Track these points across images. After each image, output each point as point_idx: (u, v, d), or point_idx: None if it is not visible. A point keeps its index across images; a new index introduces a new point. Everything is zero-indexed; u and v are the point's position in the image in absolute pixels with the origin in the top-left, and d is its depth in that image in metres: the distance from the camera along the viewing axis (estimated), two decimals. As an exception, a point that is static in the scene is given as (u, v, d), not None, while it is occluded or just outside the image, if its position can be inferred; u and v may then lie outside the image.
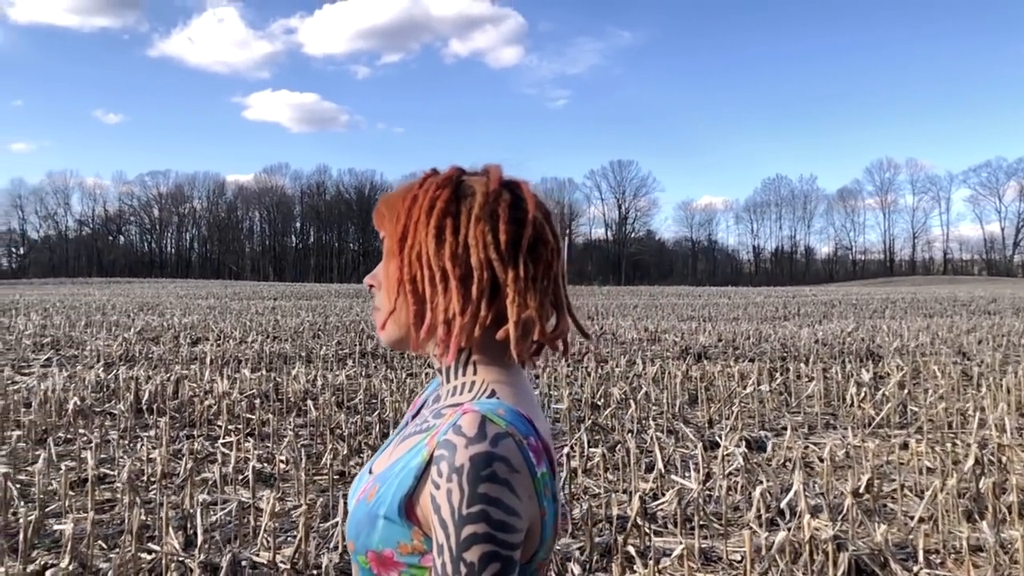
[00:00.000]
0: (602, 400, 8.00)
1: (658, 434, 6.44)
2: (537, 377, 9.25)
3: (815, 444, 6.62)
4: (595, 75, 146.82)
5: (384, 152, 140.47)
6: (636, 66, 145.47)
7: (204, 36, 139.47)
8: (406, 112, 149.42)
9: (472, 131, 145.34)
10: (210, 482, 5.35)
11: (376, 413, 7.22)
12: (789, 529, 4.26)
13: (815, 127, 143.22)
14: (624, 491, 5.30)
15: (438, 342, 1.05)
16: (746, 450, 5.58)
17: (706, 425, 7.36)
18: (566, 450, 5.20)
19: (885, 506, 5.13)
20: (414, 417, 1.18)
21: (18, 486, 5.11)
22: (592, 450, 6.04)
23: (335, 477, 5.58)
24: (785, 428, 6.98)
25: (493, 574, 0.89)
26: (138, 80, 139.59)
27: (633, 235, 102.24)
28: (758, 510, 4.56)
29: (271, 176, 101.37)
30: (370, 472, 1.06)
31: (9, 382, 9.15)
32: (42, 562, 4.07)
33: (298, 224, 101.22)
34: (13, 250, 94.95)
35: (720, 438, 6.44)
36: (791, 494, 4.69)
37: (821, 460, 5.67)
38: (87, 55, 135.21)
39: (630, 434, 6.71)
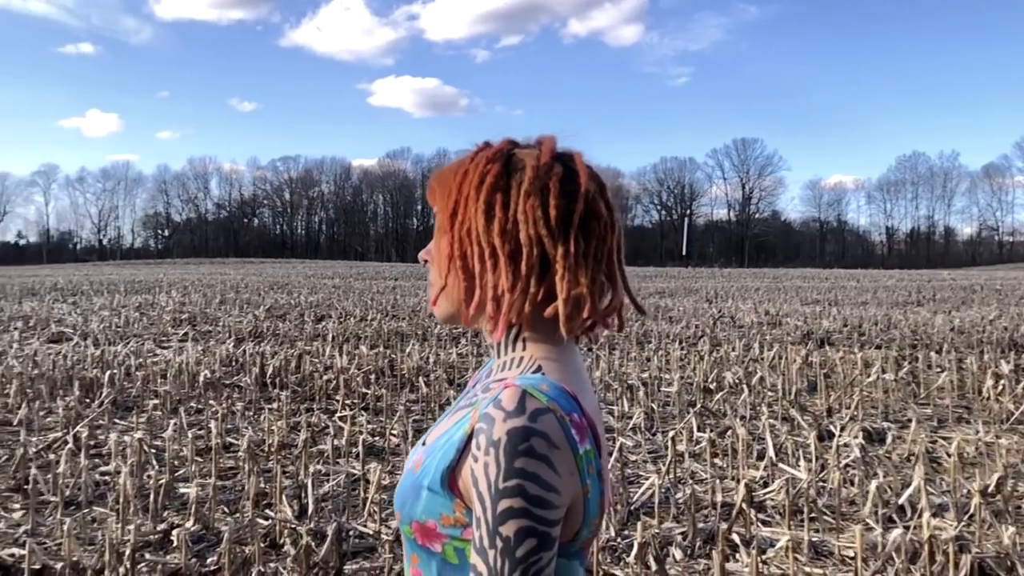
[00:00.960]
0: (714, 384, 7.83)
1: (771, 421, 6.25)
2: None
3: (943, 439, 6.27)
4: (719, 51, 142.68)
5: (503, 134, 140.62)
6: (763, 41, 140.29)
7: (331, 25, 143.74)
8: (524, 94, 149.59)
9: (591, 111, 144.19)
10: (325, 454, 5.56)
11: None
12: (909, 527, 4.06)
13: (956, 101, 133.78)
14: (733, 478, 5.18)
15: (488, 318, 1.04)
16: (863, 441, 5.34)
17: (824, 414, 7.09)
18: (671, 434, 5.11)
19: (1019, 507, 4.80)
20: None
21: (153, 451, 5.46)
22: (700, 434, 5.93)
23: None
24: (910, 420, 6.63)
25: (529, 549, 0.88)
26: (270, 69, 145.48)
27: (757, 215, 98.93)
28: (874, 505, 4.36)
29: (394, 160, 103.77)
30: (424, 444, 1.07)
31: (150, 355, 9.77)
32: (170, 522, 4.34)
33: (419, 207, 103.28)
34: (159, 232, 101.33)
35: (838, 428, 6.20)
36: (910, 490, 4.46)
37: (948, 456, 5.36)
38: (224, 46, 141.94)
39: (741, 420, 6.54)
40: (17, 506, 4.60)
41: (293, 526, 4.17)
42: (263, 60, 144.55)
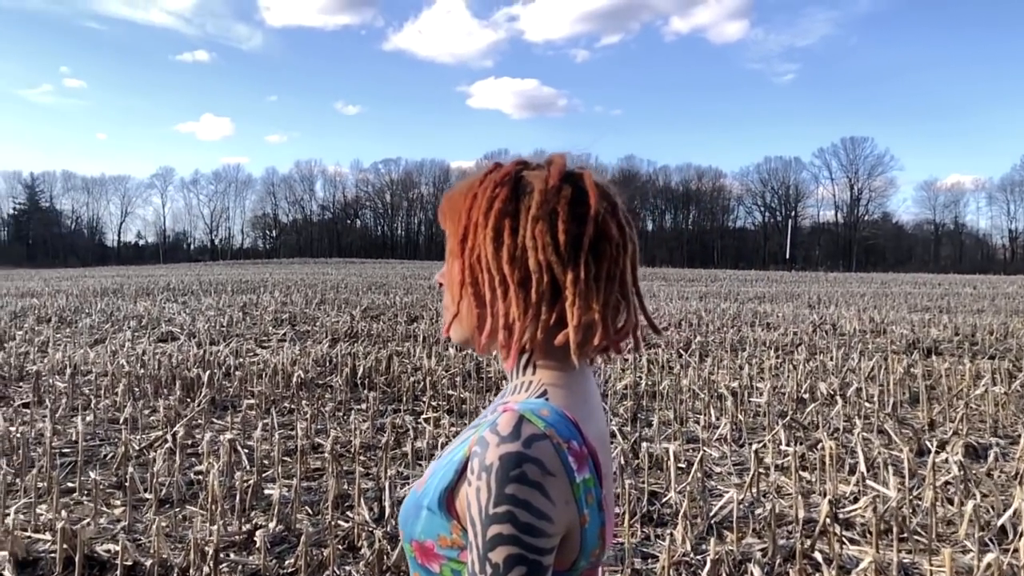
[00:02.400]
0: (808, 395, 7.57)
1: (865, 435, 5.99)
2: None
3: (1055, 456, 5.87)
4: (827, 46, 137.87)
5: (601, 134, 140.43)
6: (874, 35, 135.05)
7: (433, 28, 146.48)
8: (624, 94, 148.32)
9: (692, 110, 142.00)
10: (407, 456, 5.63)
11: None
12: (1008, 550, 3.83)
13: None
14: (821, 493, 4.99)
15: (500, 347, 1.03)
16: (964, 458, 5.05)
17: (925, 428, 6.75)
18: (755, 446, 4.96)
19: None
20: None
21: (245, 451, 5.66)
22: (785, 447, 5.74)
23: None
24: (1020, 436, 6.25)
25: None
26: (374, 72, 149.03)
27: (866, 217, 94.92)
28: (970, 526, 4.12)
29: (492, 162, 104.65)
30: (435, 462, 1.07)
31: (250, 354, 10.15)
32: (255, 522, 4.49)
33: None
34: (267, 232, 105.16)
35: (937, 443, 5.89)
36: (1011, 511, 4.20)
37: (1058, 475, 5.03)
38: (330, 51, 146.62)
39: (834, 433, 6.30)
40: (118, 502, 4.83)
41: (370, 529, 4.24)
42: (367, 64, 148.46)
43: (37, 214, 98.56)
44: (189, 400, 7.37)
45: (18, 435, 5.53)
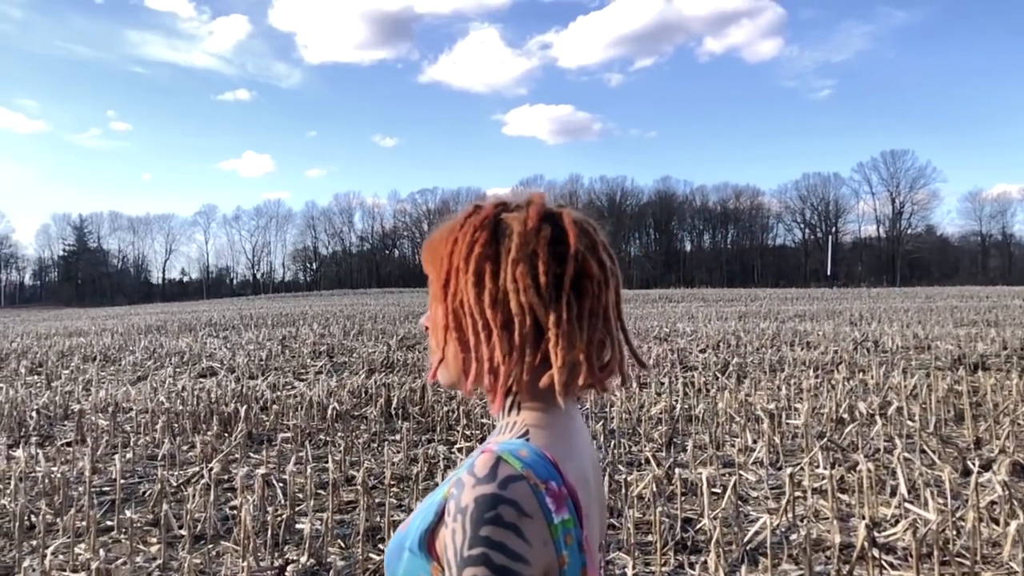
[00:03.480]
0: (847, 415, 7.42)
1: (906, 455, 5.85)
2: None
3: (1108, 473, 5.68)
4: (863, 61, 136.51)
5: (636, 158, 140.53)
6: (912, 47, 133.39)
7: (467, 59, 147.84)
8: (659, 116, 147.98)
9: (728, 129, 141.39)
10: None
11: (602, 423, 7.22)
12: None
13: None
14: (861, 516, 4.87)
15: (486, 391, 1.04)
16: (1007, 477, 4.90)
17: (971, 447, 6.58)
18: (788, 470, 4.87)
19: None
20: None
21: (280, 485, 5.69)
22: (819, 471, 5.62)
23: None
24: (1070, 453, 6.06)
25: None
26: (410, 105, 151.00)
27: (910, 231, 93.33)
28: (1013, 547, 3.99)
29: (527, 188, 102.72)
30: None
31: (287, 387, 10.24)
32: (286, 557, 4.50)
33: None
34: (307, 265, 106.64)
35: (978, 463, 5.73)
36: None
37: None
38: (367, 85, 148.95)
39: (874, 454, 6.16)
40: (154, 540, 4.89)
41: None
42: (403, 96, 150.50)
43: (85, 254, 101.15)
44: (226, 435, 7.44)
45: (59, 475, 5.63)
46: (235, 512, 5.20)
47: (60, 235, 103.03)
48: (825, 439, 6.44)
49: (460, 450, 6.70)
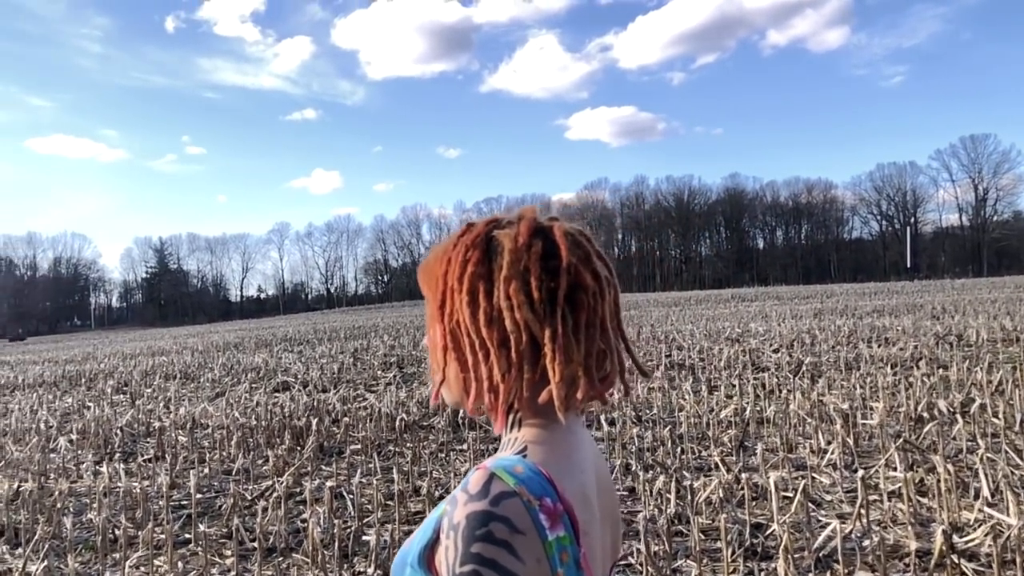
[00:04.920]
0: (926, 413, 7.15)
1: (989, 455, 5.61)
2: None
3: None
4: (937, 44, 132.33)
5: (702, 156, 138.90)
6: (988, 27, 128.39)
7: (527, 66, 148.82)
8: (724, 112, 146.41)
9: (796, 123, 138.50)
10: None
11: (669, 429, 7.12)
12: None
13: None
14: (941, 521, 4.69)
15: (488, 409, 1.03)
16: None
17: (1060, 443, 6.26)
18: (860, 473, 4.70)
19: None
20: None
21: (350, 497, 5.78)
22: (894, 473, 5.43)
23: (624, 493, 5.60)
24: None
25: None
26: (472, 115, 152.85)
27: (995, 218, 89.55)
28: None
29: (592, 192, 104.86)
30: None
31: (358, 400, 10.41)
32: (355, 569, 4.57)
33: (620, 235, 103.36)
34: (379, 278, 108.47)
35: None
36: None
37: None
38: (429, 98, 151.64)
39: (957, 454, 5.93)
40: (228, 552, 5.02)
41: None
42: (465, 107, 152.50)
43: (167, 276, 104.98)
44: (298, 448, 7.60)
45: (139, 490, 5.84)
46: (305, 525, 5.30)
47: (143, 258, 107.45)
48: (901, 439, 6.22)
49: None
